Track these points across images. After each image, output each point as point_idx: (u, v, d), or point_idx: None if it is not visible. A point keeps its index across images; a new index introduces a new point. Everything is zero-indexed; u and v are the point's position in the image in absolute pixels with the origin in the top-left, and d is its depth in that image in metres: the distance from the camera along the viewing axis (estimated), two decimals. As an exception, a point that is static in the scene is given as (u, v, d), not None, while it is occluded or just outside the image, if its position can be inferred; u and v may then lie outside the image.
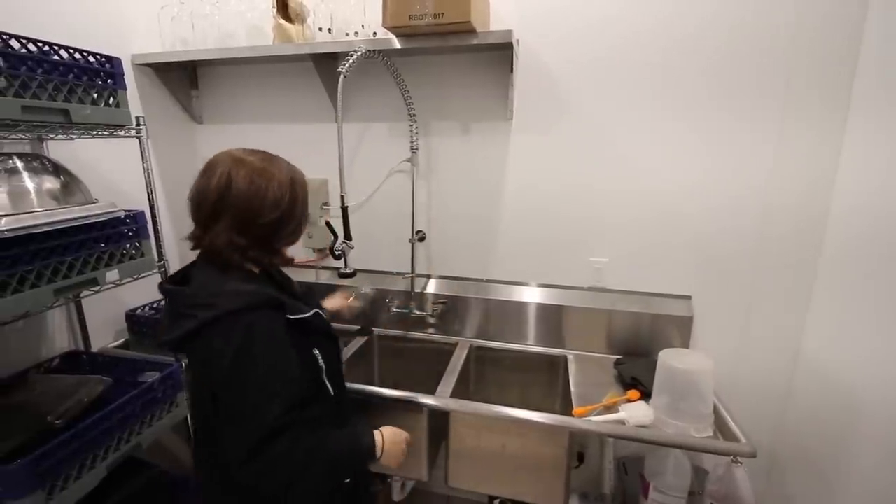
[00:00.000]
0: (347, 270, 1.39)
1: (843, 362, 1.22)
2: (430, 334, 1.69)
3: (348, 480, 0.92)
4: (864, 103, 1.20)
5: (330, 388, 0.91)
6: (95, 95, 1.09)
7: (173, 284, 0.87)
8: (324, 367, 0.90)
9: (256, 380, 0.75)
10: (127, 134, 1.19)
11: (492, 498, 1.46)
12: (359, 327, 1.70)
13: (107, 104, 1.12)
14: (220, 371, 0.75)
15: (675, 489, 1.25)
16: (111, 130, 1.17)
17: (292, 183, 0.86)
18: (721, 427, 1.16)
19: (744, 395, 1.44)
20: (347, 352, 1.55)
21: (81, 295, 1.11)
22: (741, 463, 1.15)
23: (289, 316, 0.83)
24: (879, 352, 1.10)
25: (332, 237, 1.40)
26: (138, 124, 1.20)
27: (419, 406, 1.24)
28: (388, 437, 0.93)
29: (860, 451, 1.13)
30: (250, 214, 0.82)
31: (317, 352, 0.88)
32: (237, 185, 0.81)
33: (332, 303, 1.40)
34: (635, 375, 1.31)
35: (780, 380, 1.44)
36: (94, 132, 1.14)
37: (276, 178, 0.84)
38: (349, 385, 1.29)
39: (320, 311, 0.92)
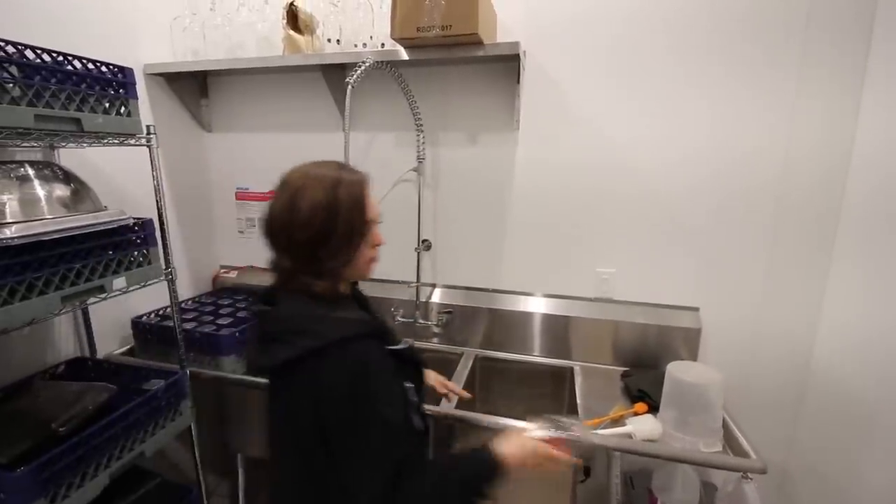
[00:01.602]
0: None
1: (857, 374, 1.20)
2: (435, 344, 1.68)
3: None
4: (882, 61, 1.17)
5: (418, 421, 0.84)
6: (107, 104, 1.10)
7: (263, 304, 0.82)
8: (415, 400, 0.84)
9: (376, 413, 0.71)
10: (137, 142, 1.20)
11: (496, 511, 1.44)
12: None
13: (118, 113, 1.14)
14: (333, 404, 0.71)
15: (684, 505, 1.23)
16: (122, 139, 1.18)
17: (331, 199, 0.76)
18: (730, 442, 1.14)
19: (754, 408, 1.42)
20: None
21: (88, 302, 1.11)
22: (751, 479, 1.13)
23: (388, 347, 0.79)
24: (892, 362, 1.08)
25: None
26: (148, 133, 1.21)
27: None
28: (507, 446, 0.81)
29: (873, 467, 1.11)
30: (285, 235, 0.77)
31: (409, 385, 0.82)
32: (275, 207, 0.78)
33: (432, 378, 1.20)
34: (643, 388, 1.30)
35: (790, 393, 1.42)
36: (105, 140, 1.16)
37: (309, 195, 0.75)
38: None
39: (410, 343, 0.88)
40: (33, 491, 0.89)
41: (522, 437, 0.84)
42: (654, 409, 1.23)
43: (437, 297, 1.68)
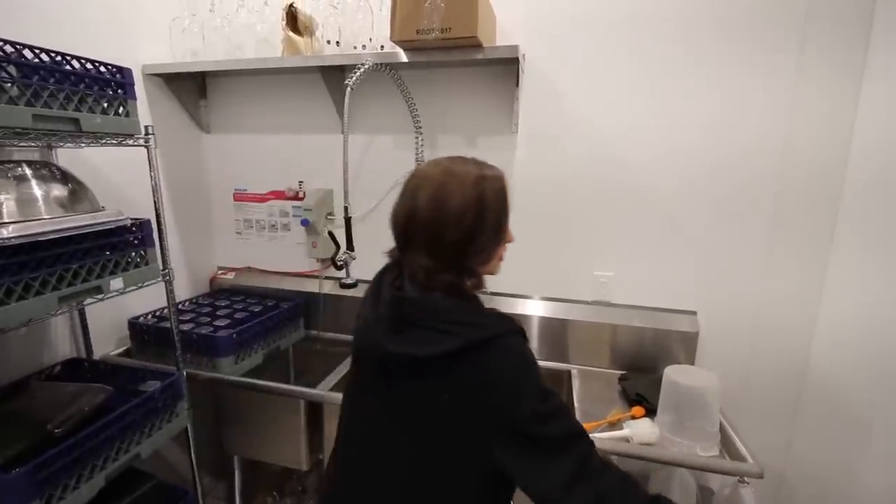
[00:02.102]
0: (350, 281, 1.39)
1: (855, 376, 1.20)
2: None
3: None
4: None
5: None
6: (106, 105, 1.10)
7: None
8: None
9: (554, 400, 0.70)
10: (135, 143, 1.20)
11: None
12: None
13: (116, 113, 1.13)
14: (501, 395, 0.69)
15: (681, 509, 1.23)
16: (120, 139, 1.18)
17: (478, 196, 0.74)
18: (727, 446, 1.14)
19: (751, 412, 1.42)
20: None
21: (85, 302, 1.11)
22: (748, 483, 1.13)
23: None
24: (889, 367, 1.08)
25: (335, 247, 1.40)
26: (147, 133, 1.21)
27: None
28: None
29: (871, 470, 1.11)
30: (428, 233, 0.74)
31: None
32: (416, 204, 0.75)
33: None
34: (640, 392, 1.30)
35: (788, 396, 1.42)
36: (103, 141, 1.15)
37: (457, 192, 0.73)
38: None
39: None
40: (28, 493, 0.88)
41: None
42: (651, 412, 1.23)
43: (435, 299, 1.68)
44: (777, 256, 1.37)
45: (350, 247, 1.35)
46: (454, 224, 0.72)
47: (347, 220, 1.33)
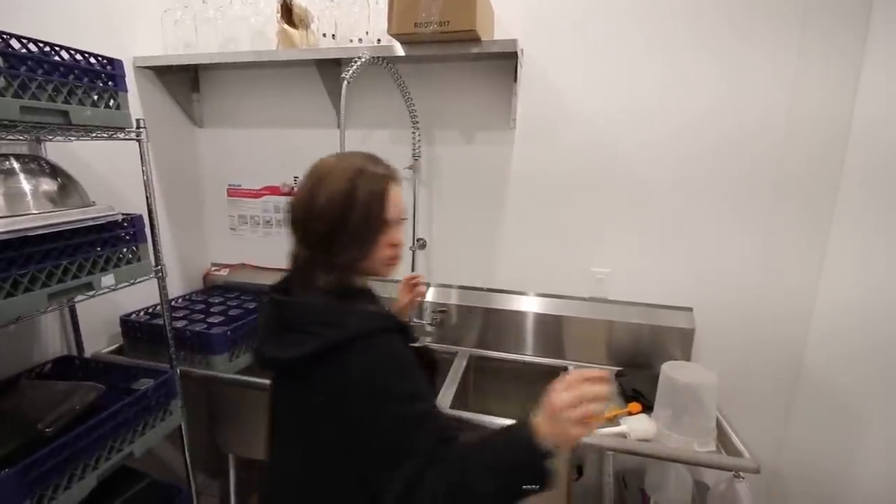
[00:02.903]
0: None
1: (849, 373, 1.22)
2: (429, 343, 1.67)
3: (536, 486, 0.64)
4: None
5: None
6: (96, 97, 1.08)
7: (279, 294, 0.78)
8: None
9: (408, 407, 0.67)
10: (126, 136, 1.18)
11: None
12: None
13: (107, 106, 1.11)
14: (360, 399, 0.67)
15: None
16: (111, 133, 1.15)
17: (348, 192, 0.73)
18: (724, 441, 1.15)
19: (747, 408, 1.43)
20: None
21: (76, 299, 1.09)
22: (743, 478, 1.14)
23: (409, 343, 0.77)
24: (883, 363, 1.09)
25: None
26: (138, 127, 1.18)
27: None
28: (541, 418, 0.64)
29: (864, 466, 1.12)
30: (304, 227, 0.76)
31: None
32: (297, 197, 0.76)
33: (402, 301, 1.10)
34: (637, 388, 1.30)
35: (784, 393, 1.43)
36: (94, 134, 1.13)
37: (330, 185, 0.73)
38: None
39: (425, 342, 0.85)
40: (19, 493, 0.87)
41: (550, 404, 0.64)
42: (648, 408, 1.23)
43: (431, 296, 1.67)
44: (774, 251, 1.38)
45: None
46: (319, 217, 0.73)
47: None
